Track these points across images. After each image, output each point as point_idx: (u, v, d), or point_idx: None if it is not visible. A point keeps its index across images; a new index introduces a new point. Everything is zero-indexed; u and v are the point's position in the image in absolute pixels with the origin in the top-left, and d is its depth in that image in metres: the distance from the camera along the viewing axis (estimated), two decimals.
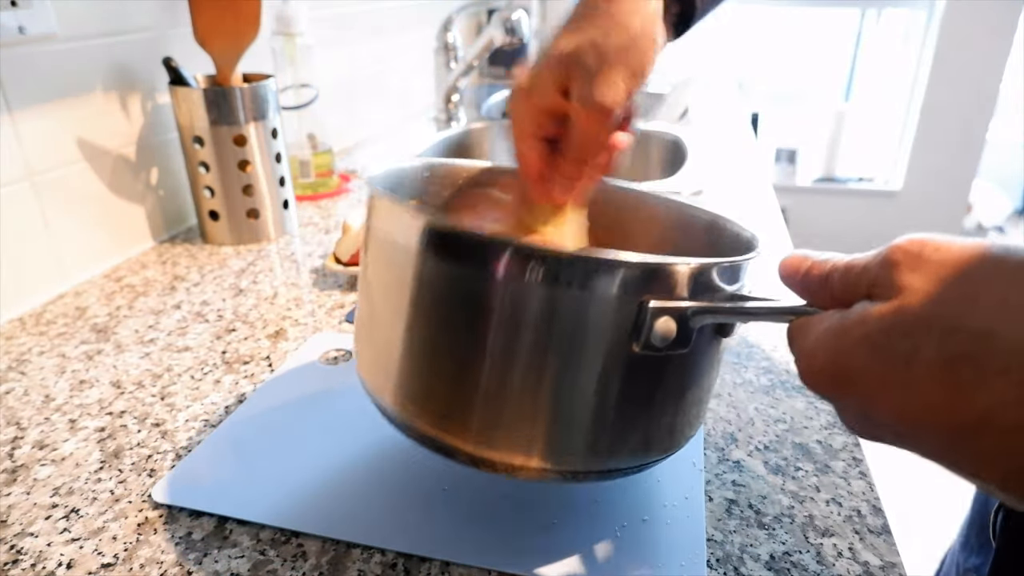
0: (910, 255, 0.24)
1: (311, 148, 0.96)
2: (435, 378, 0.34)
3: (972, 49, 2.62)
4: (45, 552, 0.38)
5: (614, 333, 0.31)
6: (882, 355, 0.24)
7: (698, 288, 0.31)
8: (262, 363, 0.57)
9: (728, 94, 1.63)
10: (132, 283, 0.71)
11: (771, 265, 0.32)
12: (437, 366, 0.34)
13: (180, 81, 0.75)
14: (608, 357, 0.31)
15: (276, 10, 0.90)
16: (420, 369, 0.34)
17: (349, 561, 0.37)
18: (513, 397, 0.32)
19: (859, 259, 0.27)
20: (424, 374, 0.34)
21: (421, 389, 0.34)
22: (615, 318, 0.31)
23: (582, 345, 0.31)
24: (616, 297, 0.30)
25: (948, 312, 0.23)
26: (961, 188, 2.85)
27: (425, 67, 1.43)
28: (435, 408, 0.34)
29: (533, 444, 0.33)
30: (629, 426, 0.33)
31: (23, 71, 0.63)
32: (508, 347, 0.31)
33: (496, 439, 0.33)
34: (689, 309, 0.31)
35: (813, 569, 0.37)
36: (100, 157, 0.72)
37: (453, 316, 0.33)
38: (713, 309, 0.31)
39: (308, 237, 0.83)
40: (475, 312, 0.32)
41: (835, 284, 0.28)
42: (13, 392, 0.53)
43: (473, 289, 0.31)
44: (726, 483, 0.43)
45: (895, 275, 0.25)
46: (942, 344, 0.23)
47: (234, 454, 0.45)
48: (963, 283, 0.23)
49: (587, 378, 0.32)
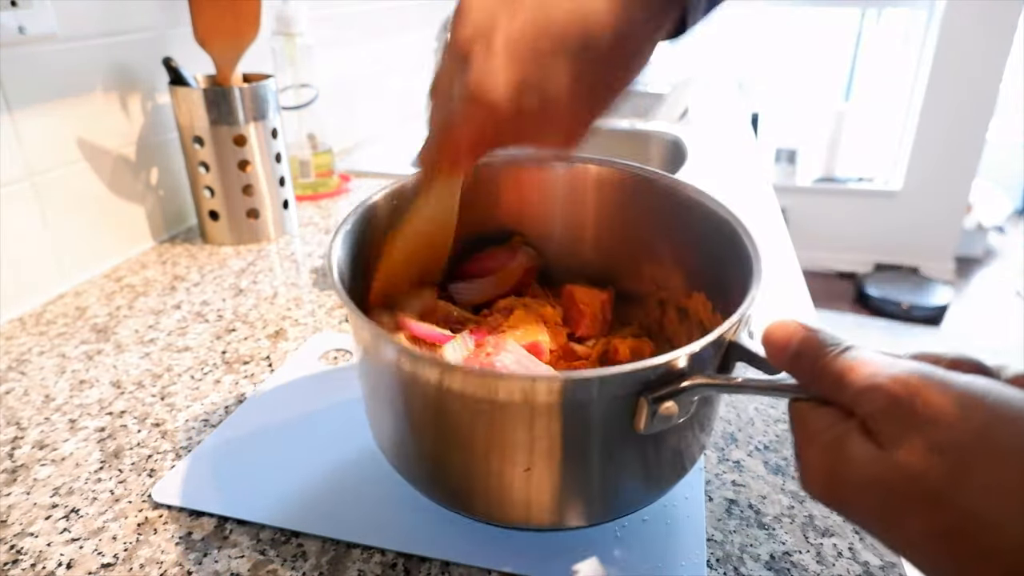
0: (901, 406, 0.24)
1: (311, 148, 0.96)
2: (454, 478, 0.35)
3: (972, 49, 2.62)
4: (45, 552, 0.38)
5: (619, 426, 0.31)
6: (874, 504, 0.25)
7: (695, 366, 0.31)
8: (262, 363, 0.57)
9: (728, 94, 1.63)
10: (132, 283, 0.71)
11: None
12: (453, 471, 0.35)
13: (180, 81, 0.75)
14: (616, 446, 0.32)
15: (276, 10, 0.90)
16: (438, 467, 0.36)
17: (349, 561, 0.37)
18: (525, 491, 0.33)
19: (853, 374, 0.26)
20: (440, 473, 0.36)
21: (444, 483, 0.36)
22: (620, 416, 0.31)
23: (590, 442, 0.32)
24: (620, 400, 0.31)
25: (939, 487, 0.23)
26: (961, 188, 2.85)
27: (425, 67, 1.43)
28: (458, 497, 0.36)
29: (547, 513, 0.35)
30: (639, 480, 0.35)
31: (23, 71, 0.63)
32: (519, 451, 0.32)
33: (511, 515, 0.35)
34: (688, 388, 0.31)
35: (813, 569, 0.37)
36: (100, 157, 0.72)
37: (461, 431, 0.33)
38: (712, 385, 0.31)
39: (308, 237, 0.83)
40: (486, 429, 0.32)
41: (826, 384, 0.27)
42: (13, 392, 0.53)
43: (482, 411, 0.31)
44: (726, 483, 0.43)
45: (886, 423, 0.24)
46: (932, 517, 0.23)
47: (234, 454, 0.45)
48: (955, 455, 0.23)
49: (597, 463, 0.33)
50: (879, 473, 0.24)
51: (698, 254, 0.44)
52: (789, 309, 0.65)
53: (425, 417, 0.34)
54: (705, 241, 0.43)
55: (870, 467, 0.25)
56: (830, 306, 2.80)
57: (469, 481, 0.35)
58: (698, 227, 0.43)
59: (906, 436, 0.24)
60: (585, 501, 0.35)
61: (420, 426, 0.35)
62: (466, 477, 0.35)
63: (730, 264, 0.39)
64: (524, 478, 0.32)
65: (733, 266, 0.39)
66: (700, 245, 0.44)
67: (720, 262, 0.41)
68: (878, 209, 2.96)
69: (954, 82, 2.68)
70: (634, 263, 0.49)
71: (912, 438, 0.24)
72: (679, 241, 0.46)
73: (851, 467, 0.25)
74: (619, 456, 0.33)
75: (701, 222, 0.43)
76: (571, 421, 0.31)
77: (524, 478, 0.32)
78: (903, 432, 0.24)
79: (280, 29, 0.92)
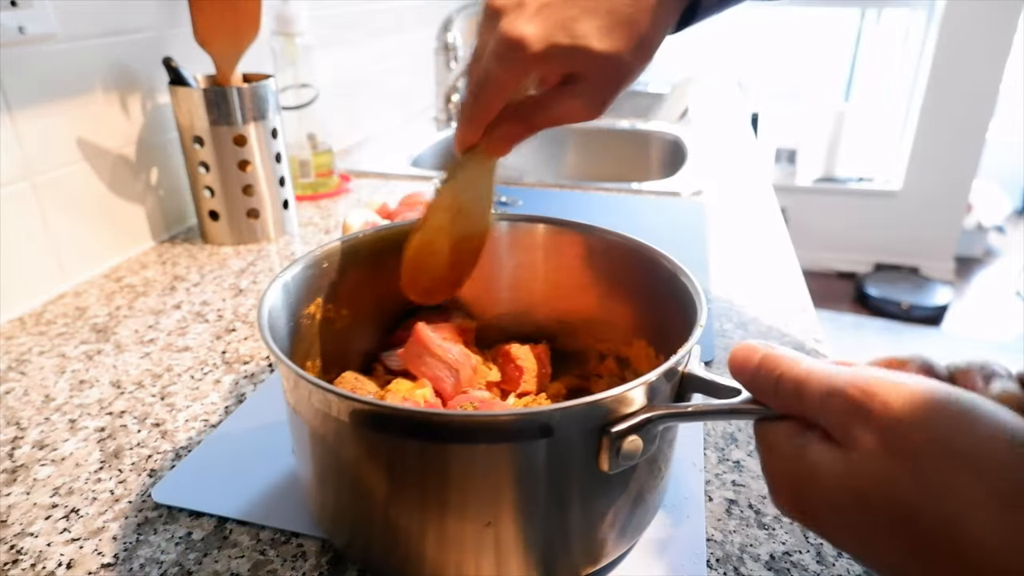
0: (860, 409, 0.24)
1: (311, 148, 0.96)
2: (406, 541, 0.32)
3: (972, 49, 2.62)
4: (45, 552, 0.38)
5: (584, 465, 0.30)
6: (845, 513, 0.25)
7: (652, 397, 0.31)
8: (262, 363, 0.57)
9: (728, 94, 1.63)
10: (132, 283, 0.71)
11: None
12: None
13: (180, 81, 0.75)
14: (583, 484, 0.31)
15: (276, 10, 0.90)
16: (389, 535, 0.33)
17: (349, 561, 0.37)
18: (490, 548, 0.31)
19: (811, 382, 0.26)
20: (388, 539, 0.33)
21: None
22: (583, 454, 0.30)
23: (557, 483, 0.30)
24: (580, 437, 0.29)
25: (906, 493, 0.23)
26: (961, 188, 2.85)
27: (425, 67, 1.43)
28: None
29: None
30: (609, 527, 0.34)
31: (23, 71, 0.63)
32: (475, 503, 0.30)
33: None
34: (650, 419, 0.30)
35: (813, 569, 0.37)
36: (100, 157, 0.72)
37: (408, 483, 0.31)
38: (672, 414, 0.31)
39: (308, 237, 0.83)
40: (451, 483, 0.30)
41: (786, 395, 0.27)
42: (13, 392, 0.53)
43: (446, 461, 0.29)
44: (726, 483, 0.43)
45: (845, 426, 0.24)
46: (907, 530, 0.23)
47: (235, 454, 0.45)
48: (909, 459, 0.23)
49: (567, 504, 0.31)
50: (842, 474, 0.24)
51: (639, 303, 0.44)
52: (789, 309, 0.65)
53: (366, 471, 0.31)
54: (645, 290, 0.43)
55: (832, 467, 0.25)
56: (830, 306, 2.80)
57: (420, 543, 0.32)
58: (639, 277, 0.43)
59: (865, 437, 0.24)
60: (558, 554, 0.33)
61: (362, 484, 0.31)
62: (418, 537, 0.31)
63: (673, 309, 0.39)
64: (486, 533, 0.30)
65: (676, 310, 0.38)
66: (640, 294, 0.44)
67: (662, 308, 0.41)
68: (878, 209, 2.96)
69: (954, 82, 2.68)
70: (571, 317, 0.49)
71: (871, 438, 0.23)
72: (619, 293, 0.46)
73: (815, 472, 0.25)
74: (587, 500, 0.31)
75: (641, 272, 0.43)
76: (529, 462, 0.29)
77: (486, 533, 0.30)
78: (862, 433, 0.24)
79: (280, 29, 0.92)
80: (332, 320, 0.44)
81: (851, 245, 3.03)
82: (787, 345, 0.59)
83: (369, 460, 0.31)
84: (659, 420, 0.30)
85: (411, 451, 0.29)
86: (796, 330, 0.61)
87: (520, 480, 0.30)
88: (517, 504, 0.30)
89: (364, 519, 0.34)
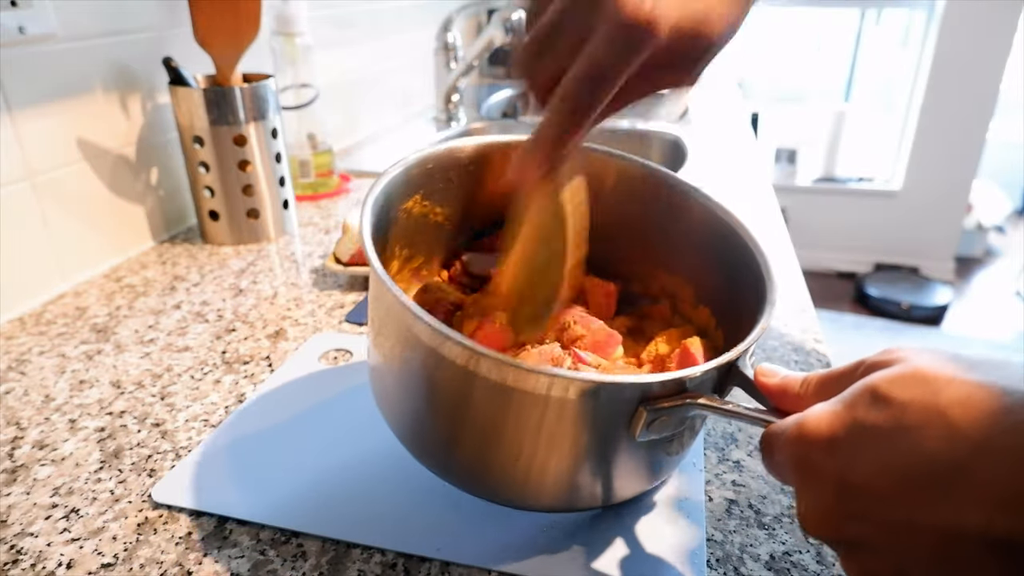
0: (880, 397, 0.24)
1: (311, 148, 0.96)
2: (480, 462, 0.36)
3: (972, 49, 2.62)
4: (45, 552, 0.38)
5: (622, 431, 0.33)
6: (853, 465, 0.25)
7: (697, 385, 0.32)
8: (262, 363, 0.57)
9: (728, 94, 1.63)
10: (132, 283, 0.71)
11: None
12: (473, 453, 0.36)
13: (180, 81, 0.75)
14: (617, 446, 0.34)
15: (276, 10, 0.90)
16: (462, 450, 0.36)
17: (349, 561, 0.37)
18: (532, 475, 0.35)
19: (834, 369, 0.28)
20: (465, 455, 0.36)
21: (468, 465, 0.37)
22: (622, 421, 0.33)
23: (592, 438, 0.33)
24: (623, 405, 0.32)
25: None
26: (961, 188, 2.85)
27: (425, 67, 1.43)
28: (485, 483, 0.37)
29: (546, 498, 0.36)
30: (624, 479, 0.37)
31: (23, 71, 0.63)
32: (530, 444, 0.33)
33: (508, 494, 0.37)
34: (685, 406, 0.32)
35: (813, 569, 0.37)
36: (100, 157, 0.72)
37: (481, 418, 0.34)
38: (709, 407, 0.32)
39: (308, 237, 0.83)
40: (506, 418, 0.33)
41: (812, 381, 0.28)
42: (13, 392, 0.53)
43: (501, 401, 0.32)
44: (726, 483, 0.43)
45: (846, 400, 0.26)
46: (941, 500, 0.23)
47: (234, 454, 0.45)
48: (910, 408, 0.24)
49: (598, 458, 0.34)
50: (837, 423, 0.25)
51: (712, 269, 0.44)
52: (789, 309, 0.65)
53: (445, 397, 0.34)
54: (720, 256, 0.43)
55: (828, 419, 0.25)
56: (830, 306, 2.80)
57: (483, 463, 0.35)
58: (715, 241, 0.43)
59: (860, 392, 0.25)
60: (578, 488, 0.36)
61: (440, 406, 0.35)
62: (479, 459, 0.35)
63: (743, 287, 0.39)
64: (527, 463, 0.34)
65: (745, 289, 0.39)
66: (714, 260, 0.44)
67: (733, 282, 0.41)
68: (878, 209, 2.96)
69: (954, 82, 2.68)
70: (646, 265, 0.49)
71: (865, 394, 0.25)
72: (694, 252, 0.46)
73: (812, 430, 0.25)
74: (612, 457, 0.34)
75: (720, 237, 0.43)
76: (581, 418, 0.32)
77: (527, 463, 0.34)
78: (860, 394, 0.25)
79: (280, 29, 0.92)
80: (427, 215, 0.46)
81: (851, 245, 3.04)
82: (787, 345, 0.59)
83: (447, 382, 0.34)
84: (695, 408, 0.32)
85: (495, 390, 0.32)
86: (796, 330, 0.61)
87: (568, 427, 0.33)
88: (558, 443, 0.33)
89: (435, 434, 0.37)
